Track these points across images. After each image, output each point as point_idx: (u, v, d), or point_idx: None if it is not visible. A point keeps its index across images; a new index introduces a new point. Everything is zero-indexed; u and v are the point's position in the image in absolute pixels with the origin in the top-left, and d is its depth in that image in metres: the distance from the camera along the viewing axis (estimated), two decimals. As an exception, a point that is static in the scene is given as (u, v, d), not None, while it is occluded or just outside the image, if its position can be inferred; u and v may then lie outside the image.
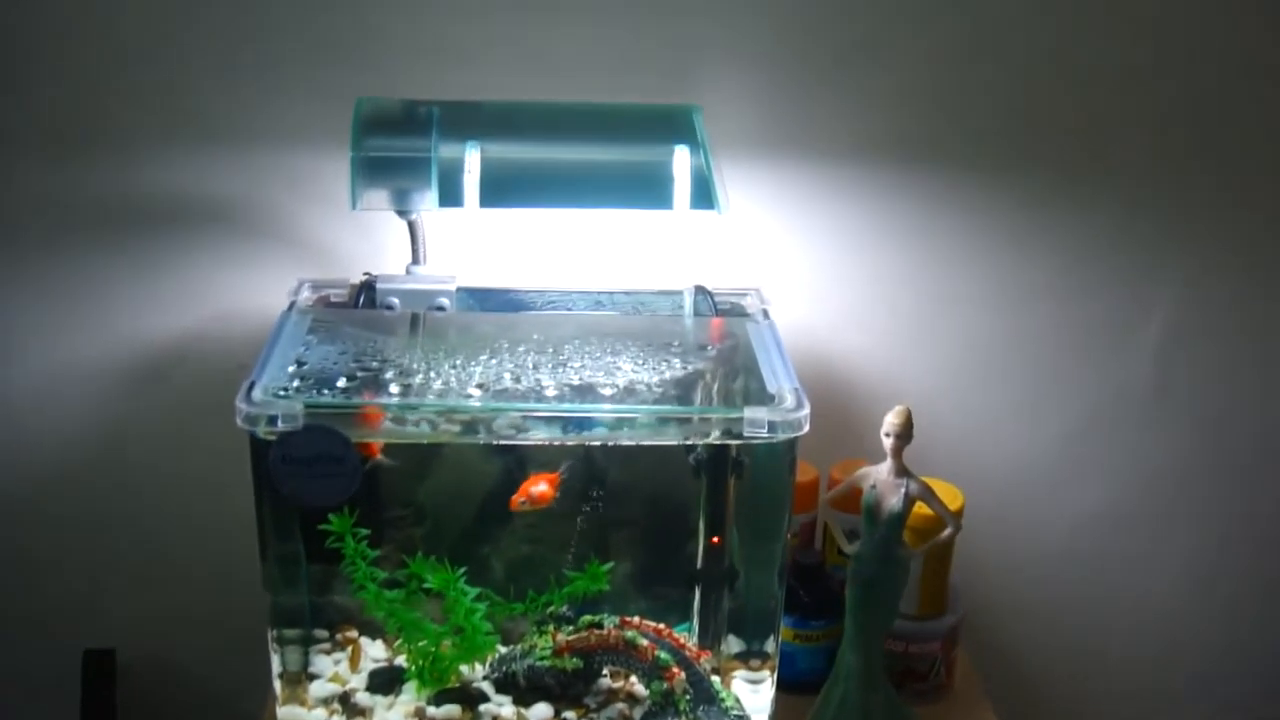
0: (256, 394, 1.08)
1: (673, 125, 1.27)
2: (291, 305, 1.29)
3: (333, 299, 1.33)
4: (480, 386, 1.14)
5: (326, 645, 1.31)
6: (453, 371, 1.16)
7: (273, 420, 1.06)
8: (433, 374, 1.15)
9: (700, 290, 1.35)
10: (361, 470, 1.08)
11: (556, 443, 1.13)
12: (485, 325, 1.31)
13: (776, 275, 1.45)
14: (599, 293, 1.36)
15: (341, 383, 1.13)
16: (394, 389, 1.13)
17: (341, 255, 1.43)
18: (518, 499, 1.21)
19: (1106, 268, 1.50)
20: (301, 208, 1.41)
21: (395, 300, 1.30)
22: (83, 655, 1.54)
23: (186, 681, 1.58)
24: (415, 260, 1.34)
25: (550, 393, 1.14)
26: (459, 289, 1.31)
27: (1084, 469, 1.59)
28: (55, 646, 1.55)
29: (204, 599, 1.54)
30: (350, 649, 1.31)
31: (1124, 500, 1.60)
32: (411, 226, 1.31)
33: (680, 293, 1.36)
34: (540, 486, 1.21)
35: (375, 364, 1.17)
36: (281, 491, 1.09)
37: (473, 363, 1.18)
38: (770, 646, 1.24)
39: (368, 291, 1.30)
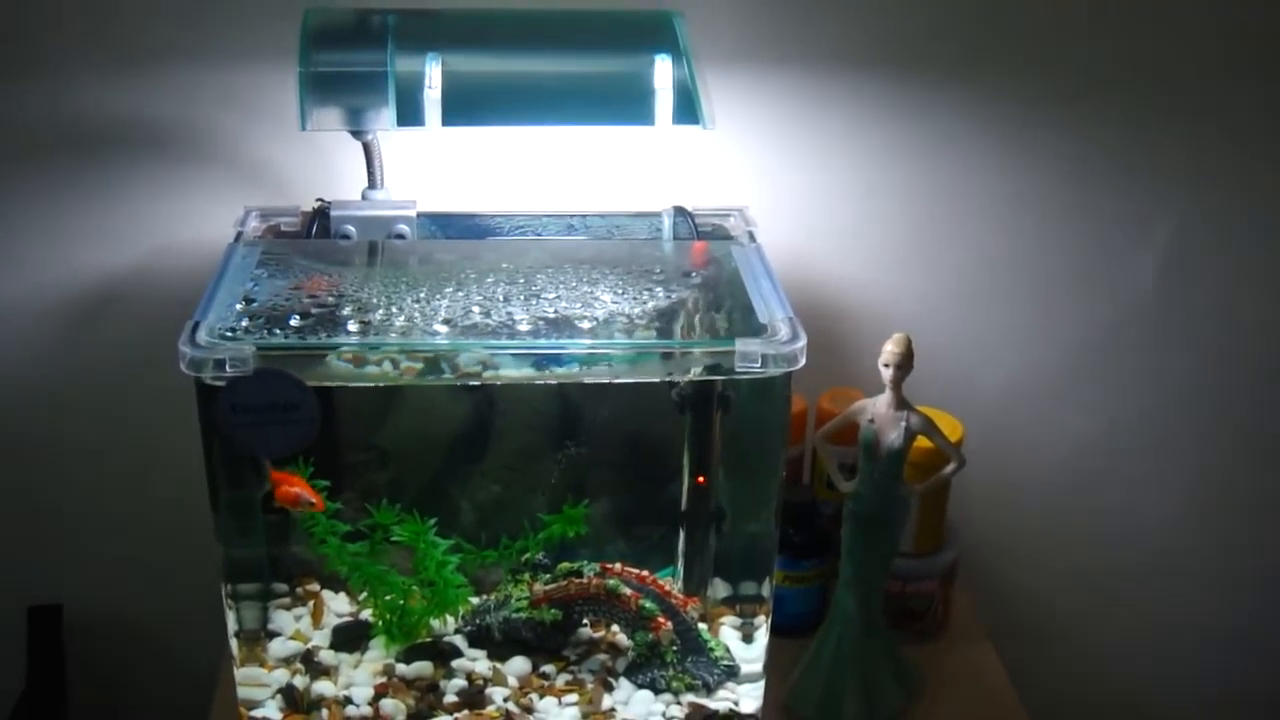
0: (201, 336, 0.99)
1: (652, 33, 1.16)
2: (238, 236, 1.19)
3: (283, 229, 1.24)
4: (446, 322, 1.05)
5: (286, 600, 1.23)
6: (416, 306, 1.07)
7: (221, 365, 0.97)
8: (394, 309, 1.06)
9: (680, 211, 1.25)
10: (319, 417, 0.99)
11: (531, 380, 1.04)
12: (449, 254, 1.22)
13: (761, 195, 1.36)
14: (571, 216, 1.27)
15: (295, 321, 1.04)
16: (352, 327, 1.03)
17: (292, 180, 1.33)
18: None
19: (1109, 184, 1.42)
20: (246, 130, 1.31)
21: (351, 229, 1.21)
22: (26, 611, 1.45)
23: (140, 638, 1.51)
24: (372, 184, 1.24)
25: (524, 327, 1.04)
26: (420, 215, 1.22)
27: (1082, 393, 1.52)
28: (-5, 603, 1.46)
29: (155, 550, 1.46)
30: (312, 604, 1.23)
31: (1123, 425, 1.53)
32: (367, 148, 1.22)
33: (659, 215, 1.26)
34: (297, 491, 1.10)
35: (331, 299, 1.07)
36: (233, 442, 1.00)
37: (437, 296, 1.09)
38: (765, 590, 1.17)
39: (321, 219, 1.21)
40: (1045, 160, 1.41)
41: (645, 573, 1.19)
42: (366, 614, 1.20)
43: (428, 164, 1.32)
